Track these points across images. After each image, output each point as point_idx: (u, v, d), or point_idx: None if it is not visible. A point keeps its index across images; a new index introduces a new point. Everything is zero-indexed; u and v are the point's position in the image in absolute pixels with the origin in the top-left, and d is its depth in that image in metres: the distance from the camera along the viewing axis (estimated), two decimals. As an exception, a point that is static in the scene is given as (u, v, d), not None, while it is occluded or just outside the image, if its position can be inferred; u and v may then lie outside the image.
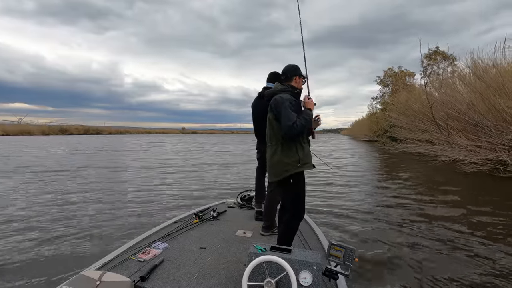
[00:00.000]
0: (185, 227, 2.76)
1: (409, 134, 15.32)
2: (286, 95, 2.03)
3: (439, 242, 3.39)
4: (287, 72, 2.17)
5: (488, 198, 5.49)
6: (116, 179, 7.87)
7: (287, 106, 1.95)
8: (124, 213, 4.50)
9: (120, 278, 1.60)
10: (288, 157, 1.99)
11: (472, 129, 9.94)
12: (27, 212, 4.49)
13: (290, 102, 1.99)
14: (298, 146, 2.01)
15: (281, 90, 2.11)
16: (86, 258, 2.85)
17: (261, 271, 1.54)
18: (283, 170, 2.00)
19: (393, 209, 4.92)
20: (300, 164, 1.99)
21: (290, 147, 1.99)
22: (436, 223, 4.06)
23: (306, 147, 2.09)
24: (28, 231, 3.66)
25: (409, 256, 3.01)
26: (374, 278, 2.57)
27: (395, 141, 19.54)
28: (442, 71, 20.66)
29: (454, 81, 12.32)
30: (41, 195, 5.69)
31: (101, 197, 5.64)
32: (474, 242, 3.38)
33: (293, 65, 2.18)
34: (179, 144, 30.34)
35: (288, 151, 1.99)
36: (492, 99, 8.57)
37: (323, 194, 6.09)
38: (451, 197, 5.64)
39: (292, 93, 2.10)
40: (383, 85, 30.65)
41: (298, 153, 1.99)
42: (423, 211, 4.73)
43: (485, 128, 8.90)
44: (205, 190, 6.54)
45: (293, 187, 2.04)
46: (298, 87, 2.17)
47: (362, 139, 37.74)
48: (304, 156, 2.02)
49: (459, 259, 2.94)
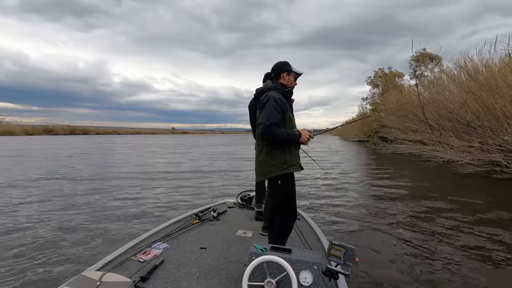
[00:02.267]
0: (185, 227, 2.76)
1: (401, 135, 15.18)
2: (275, 94, 1.94)
3: (440, 242, 3.40)
4: (275, 69, 2.08)
5: (488, 200, 5.43)
6: (114, 180, 7.86)
7: (272, 105, 1.87)
8: (124, 214, 4.50)
9: (120, 278, 1.60)
10: (273, 158, 1.92)
11: (464, 129, 9.84)
12: (27, 212, 4.48)
13: (276, 101, 1.89)
14: (285, 147, 1.93)
15: (270, 88, 2.03)
16: (86, 259, 2.85)
17: (262, 271, 1.54)
18: (267, 170, 1.94)
19: (393, 209, 4.93)
20: (286, 166, 1.91)
21: (276, 147, 1.92)
22: (435, 224, 4.06)
23: (295, 148, 1.99)
24: (27, 232, 3.65)
25: (409, 256, 3.01)
26: (374, 277, 2.57)
27: (385, 141, 19.36)
28: (430, 72, 20.84)
29: (445, 81, 12.27)
30: (40, 196, 5.69)
31: (101, 198, 5.64)
32: (472, 241, 3.39)
33: (281, 62, 2.08)
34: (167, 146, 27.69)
35: (274, 152, 1.92)
36: (485, 98, 8.47)
37: (323, 194, 6.09)
38: (449, 199, 5.56)
39: (282, 92, 2.01)
40: (373, 85, 30.62)
41: (284, 154, 1.91)
42: (422, 212, 4.73)
43: (477, 128, 8.79)
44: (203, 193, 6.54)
45: (281, 188, 1.97)
46: (288, 85, 2.07)
47: (353, 139, 37.28)
48: (291, 157, 1.94)
49: (459, 260, 2.94)
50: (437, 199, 5.54)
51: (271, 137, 1.87)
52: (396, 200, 5.54)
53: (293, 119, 2.05)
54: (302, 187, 6.73)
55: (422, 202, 5.33)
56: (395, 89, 23.57)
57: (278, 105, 1.88)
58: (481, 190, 6.37)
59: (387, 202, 5.38)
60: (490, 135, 8.29)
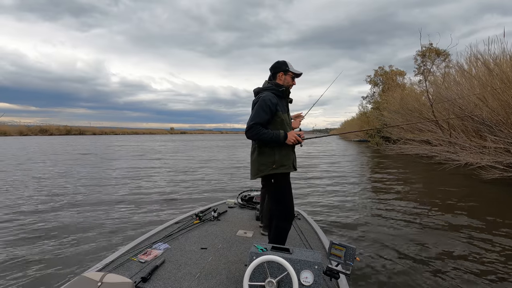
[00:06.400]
0: (186, 227, 2.76)
1: (409, 134, 13.92)
2: (267, 95, 1.93)
3: (446, 244, 3.35)
4: (272, 69, 2.07)
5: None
6: (114, 180, 7.87)
7: (261, 106, 1.88)
8: (124, 215, 4.49)
9: (121, 279, 1.60)
10: (263, 158, 1.94)
11: (477, 127, 9.04)
12: (27, 212, 4.49)
13: (265, 102, 1.88)
14: (276, 148, 1.92)
15: (264, 88, 2.03)
16: (87, 260, 2.85)
17: (262, 271, 1.54)
18: (257, 169, 1.97)
19: (395, 209, 4.93)
20: (276, 166, 1.91)
21: (267, 147, 1.93)
22: (441, 229, 3.97)
23: (286, 149, 1.96)
24: (27, 232, 3.66)
25: (411, 257, 3.01)
26: (375, 277, 2.57)
27: (388, 141, 18.93)
28: (436, 68, 20.22)
29: (456, 76, 11.22)
30: (40, 196, 5.69)
31: (100, 198, 5.64)
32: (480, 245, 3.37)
33: (279, 61, 2.06)
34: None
35: (265, 152, 1.94)
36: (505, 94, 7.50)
37: (323, 194, 6.09)
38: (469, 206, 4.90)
39: (276, 91, 1.99)
40: (373, 84, 30.51)
41: (274, 154, 1.92)
42: (425, 215, 4.69)
43: (494, 127, 7.88)
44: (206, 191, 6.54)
45: (275, 188, 1.98)
46: (283, 84, 2.03)
47: (353, 139, 36.58)
48: (280, 158, 1.93)
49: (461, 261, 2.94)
50: (454, 205, 5.00)
51: (253, 137, 1.91)
52: (397, 201, 5.54)
53: (287, 120, 2.02)
54: (303, 187, 6.73)
55: (433, 207, 5.09)
56: (398, 87, 23.22)
57: (266, 106, 1.88)
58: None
59: (390, 203, 5.37)
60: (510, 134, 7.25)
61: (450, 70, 13.07)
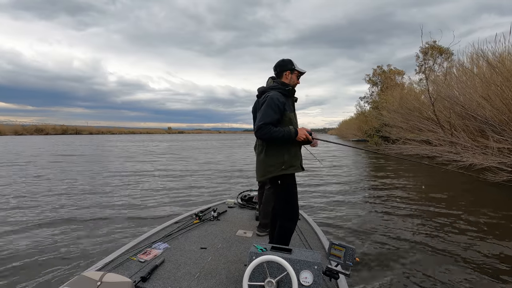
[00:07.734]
0: (185, 227, 2.76)
1: (405, 134, 13.98)
2: (275, 94, 1.91)
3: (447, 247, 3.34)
4: (277, 68, 2.04)
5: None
6: (113, 179, 7.86)
7: (270, 105, 1.85)
8: (124, 214, 4.49)
9: (121, 278, 1.60)
10: (272, 159, 1.91)
11: (479, 127, 8.88)
12: (27, 213, 4.48)
13: (273, 101, 1.85)
14: (285, 148, 1.90)
15: (271, 87, 2.00)
16: (86, 259, 2.85)
17: (262, 271, 1.55)
18: (266, 171, 1.93)
19: (395, 209, 4.93)
20: (285, 166, 1.89)
21: (276, 148, 1.90)
22: (443, 232, 3.94)
23: (294, 149, 1.95)
24: (27, 232, 3.65)
25: (411, 257, 3.00)
26: (374, 277, 2.57)
27: (387, 141, 18.87)
28: (438, 67, 19.92)
29: (460, 75, 10.87)
30: (40, 196, 5.69)
31: (100, 198, 5.64)
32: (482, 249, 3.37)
33: (284, 59, 2.03)
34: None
35: (274, 152, 1.91)
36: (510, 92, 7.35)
37: (323, 194, 6.09)
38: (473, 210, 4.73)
39: (283, 91, 1.96)
40: (372, 83, 30.38)
41: (283, 155, 1.89)
42: (427, 217, 4.67)
43: (497, 126, 7.71)
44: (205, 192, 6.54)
45: (281, 189, 1.97)
46: (290, 83, 2.01)
47: (351, 139, 35.89)
48: (290, 158, 1.91)
49: (460, 262, 2.94)
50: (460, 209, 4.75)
51: (264, 137, 1.85)
52: (397, 201, 5.53)
53: (294, 119, 2.01)
54: (303, 187, 6.72)
55: (430, 208, 5.05)
56: (396, 86, 23.06)
57: (275, 105, 1.85)
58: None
59: (391, 203, 5.36)
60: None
61: (452, 68, 12.93)
